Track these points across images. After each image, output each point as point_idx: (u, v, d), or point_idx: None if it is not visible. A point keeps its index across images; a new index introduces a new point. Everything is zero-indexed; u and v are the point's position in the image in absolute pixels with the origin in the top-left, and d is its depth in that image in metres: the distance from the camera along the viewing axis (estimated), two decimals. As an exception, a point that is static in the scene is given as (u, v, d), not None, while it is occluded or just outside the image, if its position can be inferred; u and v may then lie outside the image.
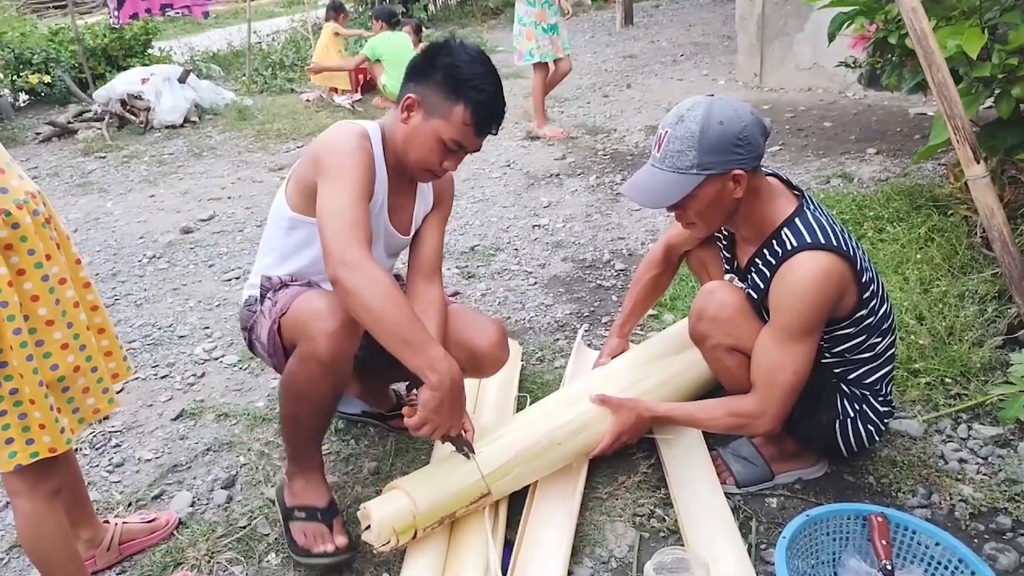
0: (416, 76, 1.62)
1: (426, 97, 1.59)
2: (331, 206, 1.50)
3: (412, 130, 1.62)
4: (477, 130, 1.60)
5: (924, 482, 1.80)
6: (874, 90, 5.33)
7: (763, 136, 1.55)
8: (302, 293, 1.65)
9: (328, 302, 1.57)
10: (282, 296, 1.67)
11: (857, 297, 1.59)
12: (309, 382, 1.59)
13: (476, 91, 1.57)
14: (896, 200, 3.23)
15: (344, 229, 1.46)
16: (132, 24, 8.59)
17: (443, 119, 1.58)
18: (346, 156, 1.56)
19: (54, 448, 1.37)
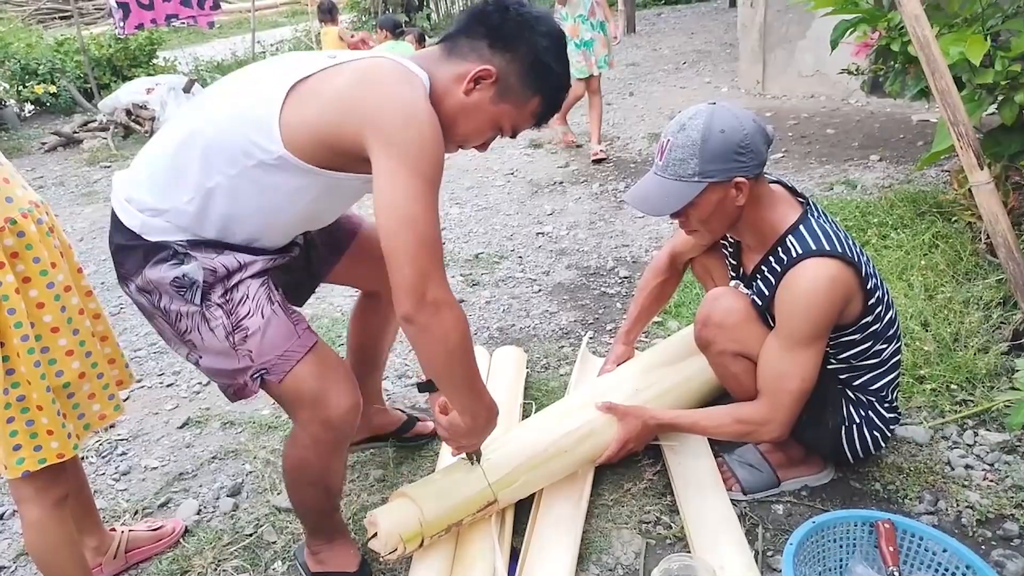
0: (497, 42, 1.33)
1: (506, 77, 1.34)
2: (410, 209, 1.18)
3: (473, 105, 1.34)
4: (539, 121, 1.44)
5: (931, 488, 1.80)
6: (877, 97, 5.33)
7: (766, 144, 1.56)
8: (291, 339, 1.35)
9: (342, 367, 1.42)
10: (251, 323, 1.32)
11: (863, 304, 1.59)
12: (324, 465, 1.48)
13: (557, 85, 1.40)
14: (900, 207, 3.23)
15: (426, 249, 1.20)
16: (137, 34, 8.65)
17: (515, 107, 1.37)
18: (425, 128, 1.21)
19: (62, 454, 1.39)
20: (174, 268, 1.32)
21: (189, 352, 1.41)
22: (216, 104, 1.35)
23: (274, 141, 1.25)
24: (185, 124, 1.36)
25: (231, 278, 1.35)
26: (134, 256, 1.36)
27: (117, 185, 1.42)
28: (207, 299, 1.33)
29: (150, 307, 1.39)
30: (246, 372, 1.36)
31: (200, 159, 1.29)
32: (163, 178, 1.34)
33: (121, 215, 1.36)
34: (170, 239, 1.33)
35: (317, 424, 1.39)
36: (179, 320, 1.36)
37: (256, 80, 1.36)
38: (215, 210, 1.31)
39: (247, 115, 1.28)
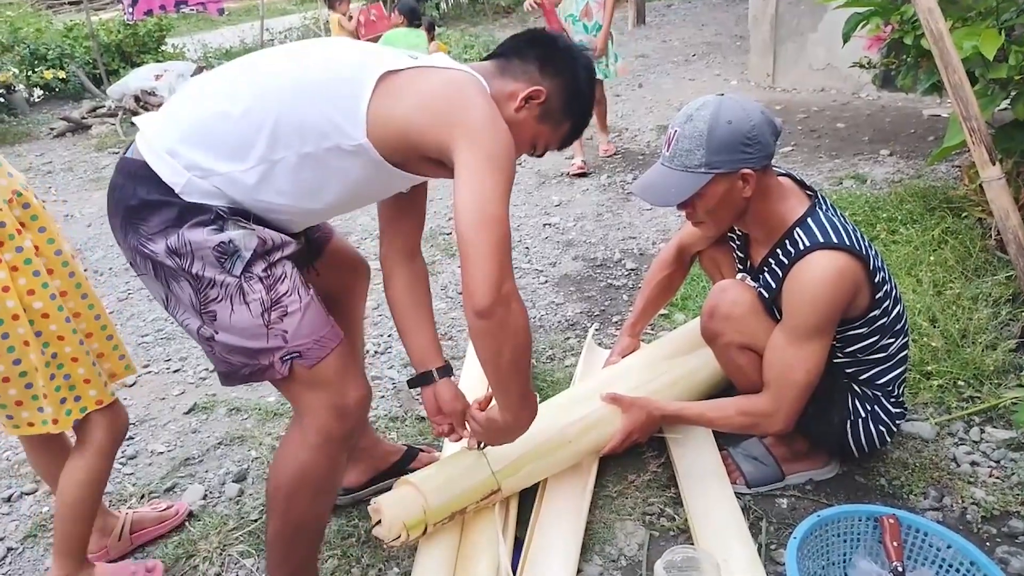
0: (547, 67, 1.41)
1: (552, 99, 1.41)
2: (494, 208, 1.22)
3: (520, 122, 1.40)
4: (563, 145, 1.52)
5: (936, 484, 1.79)
6: (888, 91, 5.30)
7: (773, 135, 1.55)
8: (327, 327, 1.35)
9: (357, 358, 1.43)
10: (290, 302, 1.30)
11: (870, 297, 1.58)
12: (331, 467, 1.41)
13: (585, 115, 1.50)
14: (910, 202, 3.22)
15: (504, 246, 1.23)
16: (146, 20, 8.65)
17: (551, 128, 1.45)
18: (506, 135, 1.28)
19: (100, 400, 1.54)
20: (216, 233, 1.25)
21: (202, 325, 1.31)
22: (291, 75, 1.30)
23: (358, 128, 1.26)
24: (250, 86, 1.29)
25: (272, 254, 1.31)
26: (164, 213, 1.26)
27: (154, 134, 1.30)
28: (248, 271, 1.27)
29: (175, 269, 1.28)
30: (274, 353, 1.30)
31: (271, 129, 1.25)
32: (222, 140, 1.26)
33: (159, 168, 1.26)
34: (212, 203, 1.26)
35: (332, 414, 1.35)
36: (210, 287, 1.27)
37: (331, 59, 1.32)
38: (273, 184, 1.28)
39: (332, 95, 1.27)
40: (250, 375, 1.34)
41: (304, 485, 1.39)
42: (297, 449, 1.38)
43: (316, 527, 1.49)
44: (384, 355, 2.66)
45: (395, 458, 1.93)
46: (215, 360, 1.36)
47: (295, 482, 1.38)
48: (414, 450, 1.97)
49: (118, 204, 1.30)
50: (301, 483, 1.38)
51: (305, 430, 1.37)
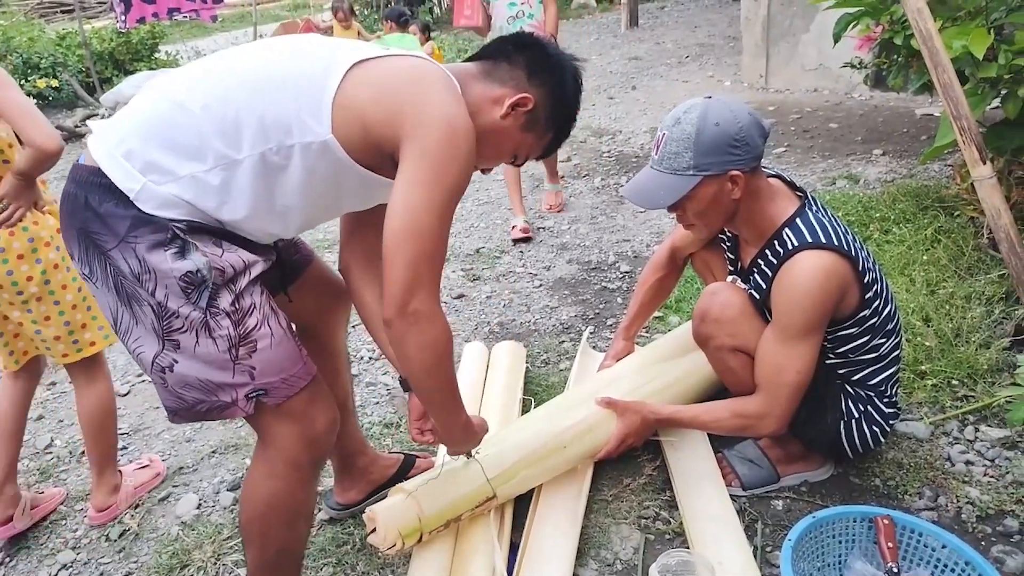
0: (535, 74, 1.35)
1: (539, 108, 1.35)
2: (422, 220, 1.16)
3: (503, 129, 1.34)
4: (543, 155, 1.48)
5: (931, 484, 1.79)
6: (880, 91, 5.31)
7: (761, 137, 1.56)
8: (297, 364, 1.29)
9: (324, 383, 1.37)
10: (259, 336, 1.23)
11: (859, 297, 1.58)
12: (303, 495, 1.38)
13: (568, 126, 1.45)
14: (902, 201, 3.22)
15: (426, 262, 1.17)
16: (139, 28, 8.65)
17: (535, 138, 1.40)
18: (463, 145, 1.19)
19: (93, 342, 1.94)
20: (179, 259, 1.16)
21: (161, 351, 1.21)
22: (253, 69, 1.22)
23: (322, 123, 1.18)
24: (211, 81, 1.21)
25: (236, 281, 1.22)
26: (116, 226, 1.17)
27: (107, 135, 1.21)
28: (213, 304, 1.19)
29: (137, 292, 1.18)
30: (237, 389, 1.23)
31: (232, 125, 1.17)
32: (181, 137, 1.17)
33: (112, 172, 1.16)
34: (168, 215, 1.16)
35: (301, 444, 1.31)
36: (173, 317, 1.19)
37: (298, 52, 1.25)
38: (235, 187, 1.19)
39: (296, 88, 1.19)
40: (207, 412, 1.26)
41: (278, 515, 1.35)
42: (265, 480, 1.34)
43: (296, 550, 1.45)
44: (378, 361, 2.65)
45: (392, 471, 1.91)
46: (165, 394, 1.26)
47: (269, 513, 1.34)
48: (411, 458, 1.96)
49: (71, 216, 1.21)
50: (275, 513, 1.35)
51: (272, 461, 1.33)
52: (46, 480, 2.18)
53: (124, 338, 1.25)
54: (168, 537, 1.88)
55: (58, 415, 2.53)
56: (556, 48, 1.41)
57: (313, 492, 1.42)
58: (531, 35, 1.44)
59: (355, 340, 2.73)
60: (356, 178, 1.25)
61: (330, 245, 3.84)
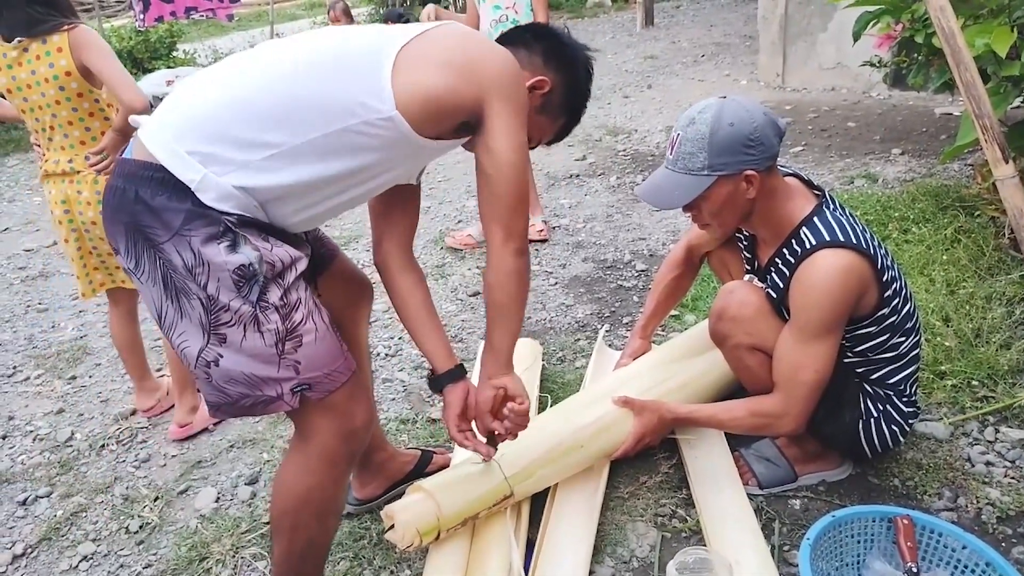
0: (552, 60, 1.45)
1: (554, 92, 1.45)
2: (523, 162, 1.32)
3: None
4: (553, 141, 1.57)
5: (950, 485, 1.78)
6: (899, 90, 5.26)
7: (776, 136, 1.55)
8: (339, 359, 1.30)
9: (364, 381, 1.41)
10: (305, 331, 1.24)
11: (878, 295, 1.57)
12: (335, 489, 1.39)
13: (579, 114, 1.54)
14: (922, 201, 3.19)
15: (526, 202, 1.36)
16: (157, 27, 8.72)
17: (549, 122, 1.49)
18: (522, 84, 1.35)
19: (103, 283, 2.31)
20: (232, 253, 1.17)
21: (206, 346, 1.22)
22: (305, 55, 1.24)
23: (386, 102, 1.21)
24: (263, 71, 1.23)
25: (284, 276, 1.23)
26: (170, 218, 1.17)
27: (160, 129, 1.21)
28: (263, 298, 1.20)
29: (190, 286, 1.19)
30: (282, 384, 1.24)
31: (289, 112, 1.19)
32: (239, 127, 1.18)
33: (172, 164, 1.17)
34: (222, 207, 1.17)
35: (340, 439, 1.33)
36: (223, 311, 1.19)
37: (345, 39, 1.28)
38: (297, 171, 1.21)
39: (353, 71, 1.22)
40: (251, 407, 1.27)
41: (310, 508, 1.36)
42: (301, 474, 1.35)
43: (324, 545, 1.47)
44: (395, 358, 2.66)
45: (410, 467, 1.92)
46: (209, 389, 1.27)
47: (301, 506, 1.35)
48: (428, 454, 1.97)
49: (118, 210, 1.21)
50: (307, 507, 1.36)
51: (308, 454, 1.34)
52: (66, 472, 2.20)
53: (169, 333, 1.25)
54: (187, 530, 1.90)
55: (78, 408, 2.56)
56: (571, 38, 1.50)
57: (344, 488, 1.44)
58: (547, 25, 1.54)
59: (371, 337, 2.74)
60: (414, 151, 1.30)
61: (347, 241, 3.86)
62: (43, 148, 2.20)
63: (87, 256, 2.26)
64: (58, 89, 2.08)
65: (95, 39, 2.08)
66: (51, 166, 2.17)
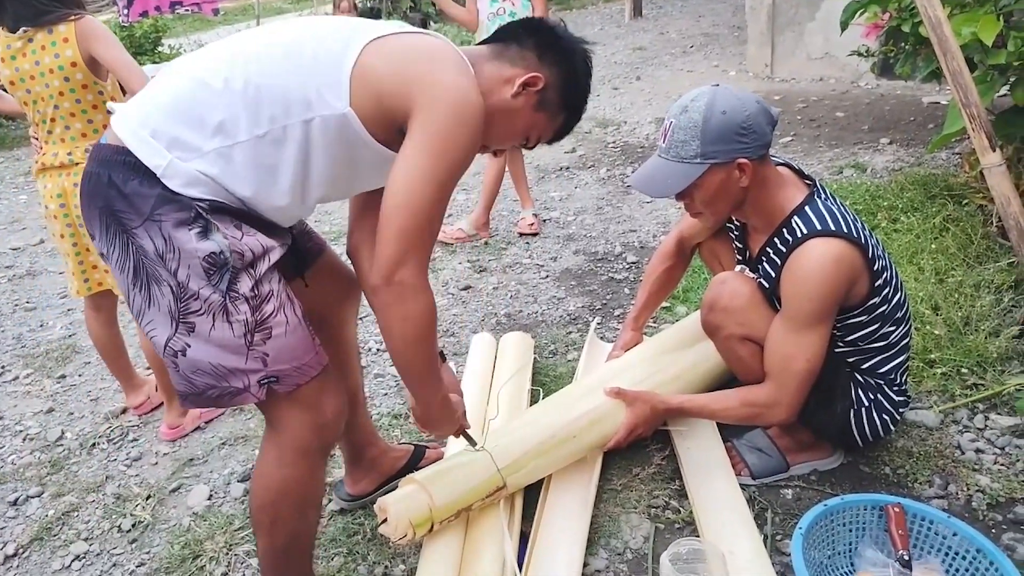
0: (546, 55, 1.37)
1: (549, 88, 1.37)
2: (419, 194, 1.18)
3: (515, 109, 1.35)
4: (554, 139, 1.48)
5: (941, 472, 1.79)
6: (887, 79, 5.28)
7: (769, 125, 1.55)
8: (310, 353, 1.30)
9: (333, 371, 1.37)
10: (275, 323, 1.24)
11: (869, 285, 1.58)
12: (311, 482, 1.38)
13: (580, 108, 1.46)
14: (910, 190, 3.21)
15: (416, 234, 1.19)
16: (142, 22, 8.64)
17: (547, 118, 1.41)
18: (470, 124, 1.21)
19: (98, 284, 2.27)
20: (203, 240, 1.17)
21: (174, 335, 1.21)
22: (270, 47, 1.24)
23: (341, 97, 1.20)
24: (232, 59, 1.22)
25: (256, 266, 1.23)
26: (141, 204, 1.17)
27: (130, 114, 1.21)
28: (233, 288, 1.19)
29: (160, 272, 1.19)
30: (250, 375, 1.24)
31: (253, 100, 1.18)
32: (204, 114, 1.18)
33: (139, 149, 1.17)
34: (193, 194, 1.17)
35: (310, 430, 1.32)
36: (192, 299, 1.19)
37: (317, 29, 1.27)
38: (259, 161, 1.20)
39: (315, 64, 1.21)
40: (217, 398, 1.26)
41: (288, 501, 1.36)
42: (276, 467, 1.34)
43: (307, 539, 1.46)
44: (386, 352, 2.65)
45: (402, 463, 1.92)
46: (177, 378, 1.27)
47: (279, 499, 1.35)
48: (421, 449, 1.97)
49: (93, 195, 1.21)
50: (285, 499, 1.35)
51: (282, 447, 1.33)
52: (57, 472, 2.19)
53: (139, 319, 1.25)
54: (180, 528, 1.89)
55: (68, 407, 2.54)
56: (566, 31, 1.43)
57: (322, 480, 1.43)
58: (541, 20, 1.46)
59: (363, 332, 2.73)
60: (371, 153, 1.27)
61: (337, 236, 3.84)
62: (41, 141, 2.16)
63: (83, 253, 2.21)
64: (63, 80, 2.06)
65: (102, 29, 2.08)
66: (49, 159, 2.14)
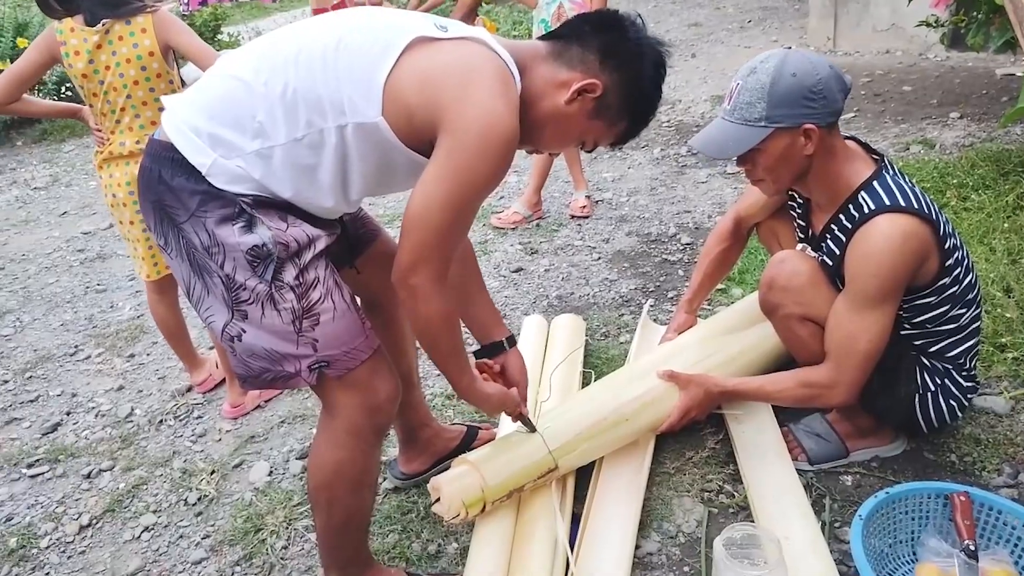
0: (609, 59, 1.29)
1: (609, 94, 1.30)
2: (433, 214, 1.19)
3: (569, 115, 1.30)
4: (618, 143, 1.42)
5: (1011, 461, 1.72)
6: (957, 51, 5.04)
7: (841, 92, 1.50)
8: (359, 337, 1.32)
9: (386, 354, 1.40)
10: (323, 310, 1.26)
11: (939, 264, 1.52)
12: (365, 462, 1.41)
13: (645, 117, 1.37)
14: (982, 167, 3.06)
15: (436, 245, 1.21)
16: (202, 11, 8.84)
17: (605, 126, 1.34)
18: (498, 151, 1.19)
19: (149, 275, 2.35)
20: (246, 234, 1.20)
21: (230, 321, 1.26)
22: (314, 47, 1.22)
23: (372, 106, 1.19)
24: (273, 59, 1.23)
25: (301, 256, 1.25)
26: (189, 200, 1.21)
27: (178, 111, 1.25)
28: (278, 278, 1.23)
29: (207, 264, 1.23)
30: (301, 360, 1.27)
31: (291, 103, 1.19)
32: (247, 116, 1.20)
33: (184, 147, 1.20)
34: (236, 190, 1.20)
35: (363, 413, 1.35)
36: (240, 290, 1.23)
37: (359, 30, 1.24)
38: (297, 164, 1.22)
39: (350, 70, 1.20)
40: (272, 381, 1.31)
41: (343, 482, 1.38)
42: (331, 448, 1.37)
43: (362, 517, 1.49)
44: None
45: (455, 443, 1.94)
46: (235, 361, 1.32)
47: (334, 480, 1.38)
48: (473, 430, 1.99)
49: (147, 189, 1.26)
50: (339, 480, 1.38)
51: (336, 429, 1.36)
52: (128, 447, 2.29)
53: (197, 307, 1.30)
54: (242, 502, 1.96)
55: (137, 385, 2.65)
56: (639, 31, 1.32)
57: (376, 460, 1.46)
58: (614, 14, 1.34)
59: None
60: (404, 159, 1.26)
61: (392, 219, 3.89)
62: (106, 132, 2.23)
63: None
64: (139, 69, 2.12)
65: (177, 19, 2.18)
66: (116, 147, 2.20)
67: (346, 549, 1.49)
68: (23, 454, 2.31)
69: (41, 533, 1.96)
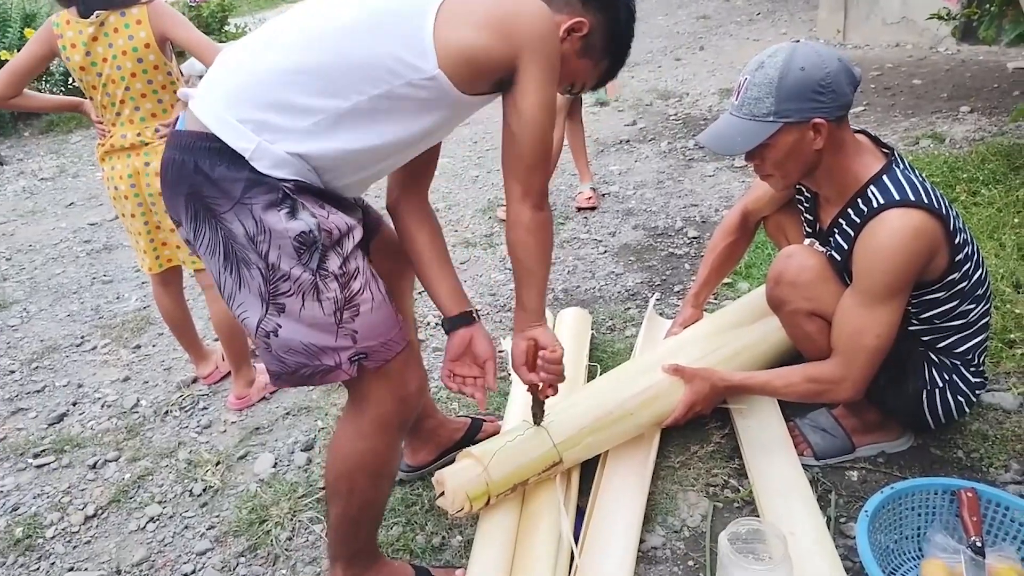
0: (593, 1, 1.39)
1: (594, 33, 1.39)
2: (548, 123, 1.30)
3: (561, 56, 1.35)
4: (598, 85, 1.52)
5: (1018, 457, 1.71)
6: (968, 44, 4.99)
7: (850, 85, 1.48)
8: (394, 328, 1.31)
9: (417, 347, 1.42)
10: (363, 300, 1.25)
11: (949, 259, 1.50)
12: (389, 452, 1.41)
13: (623, 55, 1.47)
14: (992, 161, 3.04)
15: (547, 160, 1.34)
16: (209, 2, 8.83)
17: (591, 65, 1.44)
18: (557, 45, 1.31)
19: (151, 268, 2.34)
20: (292, 220, 1.18)
21: (265, 316, 1.23)
22: (346, 16, 1.23)
23: (428, 60, 1.20)
24: (307, 36, 1.23)
25: (343, 244, 1.24)
26: (231, 188, 1.17)
27: (212, 99, 1.22)
28: (323, 267, 1.20)
29: (250, 255, 1.20)
30: (340, 353, 1.25)
31: (333, 75, 1.19)
32: (287, 94, 1.19)
33: (226, 134, 1.17)
34: (280, 175, 1.18)
35: (394, 404, 1.35)
36: (282, 280, 1.20)
37: None
38: (345, 134, 1.21)
39: (394, 30, 1.21)
40: (309, 377, 1.29)
41: (365, 472, 1.39)
42: (356, 439, 1.37)
43: (378, 508, 1.49)
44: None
45: (460, 435, 1.94)
46: (269, 358, 1.29)
47: (356, 470, 1.38)
48: (478, 422, 1.98)
49: (178, 182, 1.22)
50: (362, 470, 1.38)
51: (362, 419, 1.36)
52: (133, 438, 2.29)
53: (229, 302, 1.27)
54: (247, 493, 1.96)
55: (143, 376, 2.66)
56: None
57: (398, 452, 1.46)
58: None
59: (422, 306, 2.77)
60: (456, 108, 1.30)
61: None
62: (107, 125, 2.22)
63: (153, 231, 2.26)
64: (136, 61, 2.10)
65: (173, 11, 2.14)
66: (118, 140, 2.19)
67: (358, 540, 1.48)
68: (29, 444, 2.32)
69: (47, 523, 1.97)
